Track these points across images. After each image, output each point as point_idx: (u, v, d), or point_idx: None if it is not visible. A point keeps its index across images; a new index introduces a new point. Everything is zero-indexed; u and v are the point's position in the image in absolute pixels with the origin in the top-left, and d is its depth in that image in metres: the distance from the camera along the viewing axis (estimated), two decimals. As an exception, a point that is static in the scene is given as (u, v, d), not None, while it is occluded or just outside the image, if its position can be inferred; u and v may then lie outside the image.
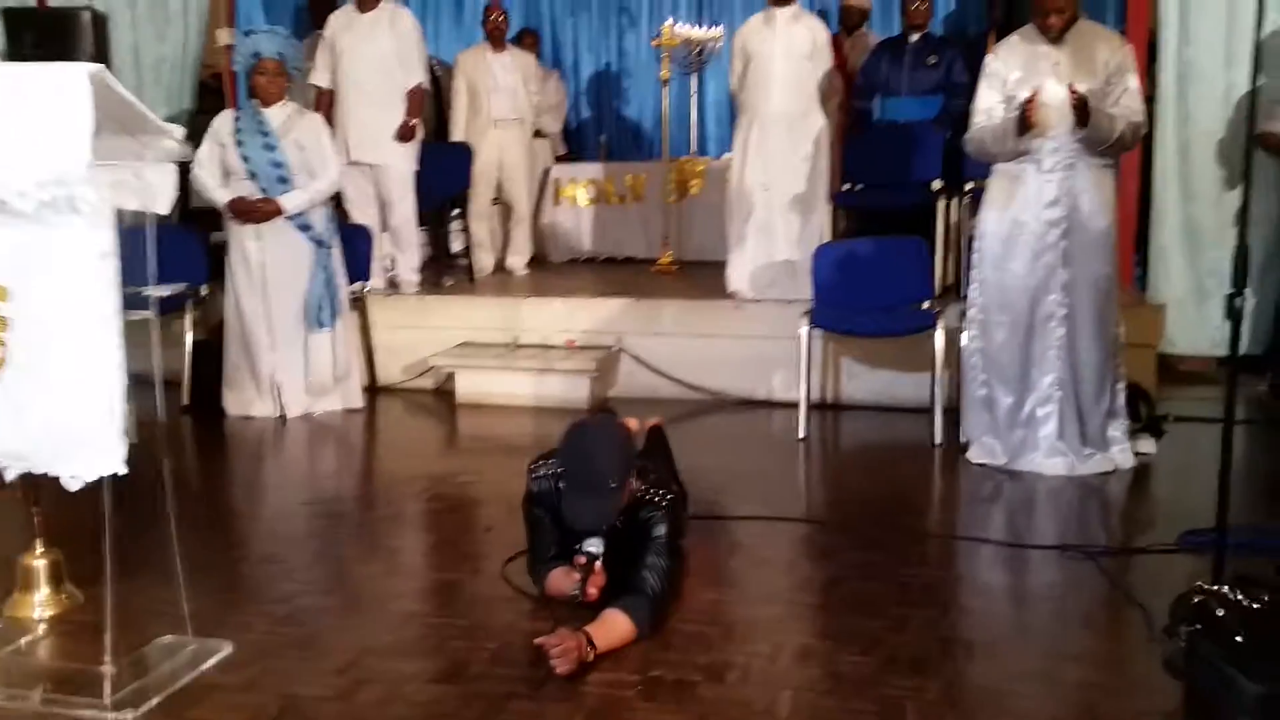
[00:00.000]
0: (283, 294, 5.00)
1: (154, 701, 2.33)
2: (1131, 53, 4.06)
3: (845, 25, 7.56)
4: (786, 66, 5.56)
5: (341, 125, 5.89)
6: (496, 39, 6.94)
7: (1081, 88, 3.90)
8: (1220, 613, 2.32)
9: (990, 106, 4.09)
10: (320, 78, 6.02)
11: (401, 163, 5.98)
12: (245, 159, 4.92)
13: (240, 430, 4.94)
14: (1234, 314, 2.49)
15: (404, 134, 5.94)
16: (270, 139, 4.91)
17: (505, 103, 6.89)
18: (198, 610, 2.62)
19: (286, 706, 2.33)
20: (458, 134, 6.94)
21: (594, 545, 2.63)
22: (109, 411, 2.28)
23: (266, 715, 2.29)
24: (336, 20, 6.01)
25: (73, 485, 2.28)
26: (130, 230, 2.38)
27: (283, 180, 4.93)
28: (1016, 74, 4.03)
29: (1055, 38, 3.97)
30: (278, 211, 4.92)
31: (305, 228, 5.01)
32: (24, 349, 2.28)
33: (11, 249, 2.26)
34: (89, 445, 2.28)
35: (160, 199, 2.49)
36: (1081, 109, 3.81)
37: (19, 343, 2.29)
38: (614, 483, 2.61)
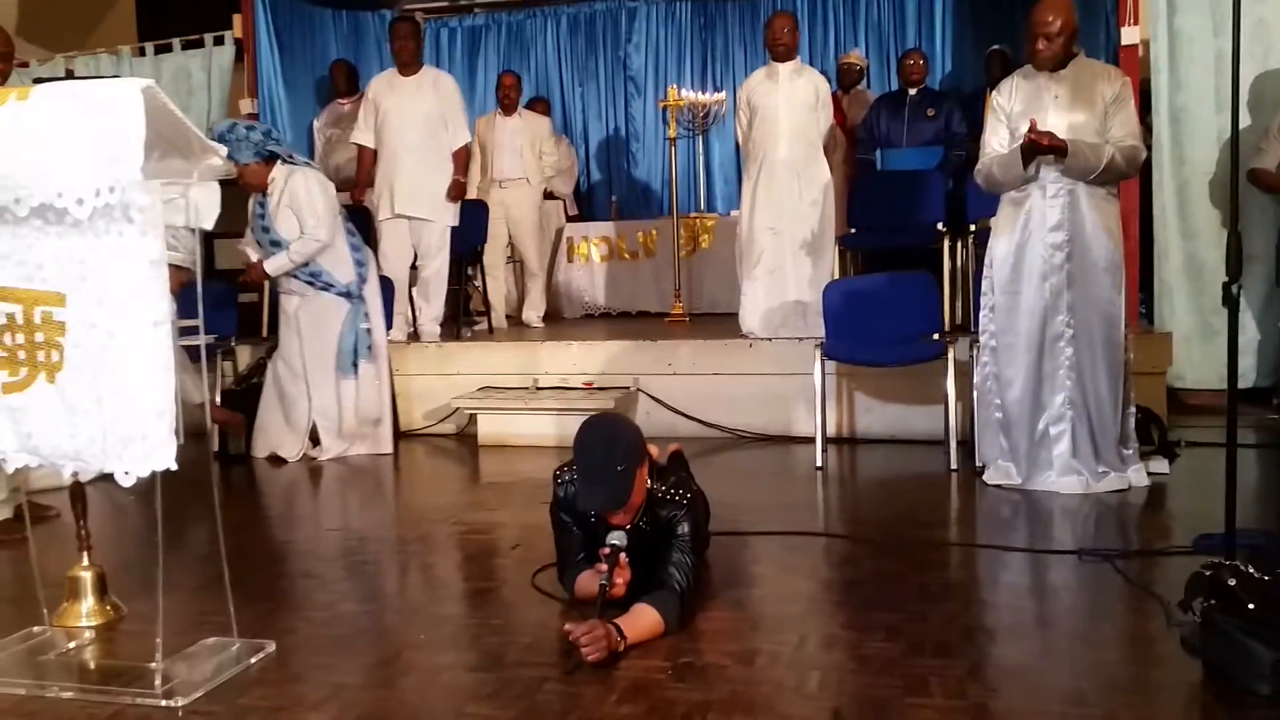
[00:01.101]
0: (316, 343, 5.20)
1: (202, 691, 2.41)
2: (1129, 84, 4.18)
3: (843, 84, 7.82)
4: (791, 117, 5.76)
5: (387, 181, 6.13)
6: (507, 105, 7.29)
7: (1080, 118, 4.06)
8: (1232, 583, 2.39)
9: (997, 139, 4.24)
10: (364, 137, 6.26)
11: (444, 217, 6.21)
12: (253, 231, 5.24)
13: (270, 473, 5.08)
14: (1231, 301, 2.59)
15: (457, 192, 6.19)
16: (262, 213, 5.15)
17: (508, 163, 7.21)
18: (240, 618, 2.70)
19: (331, 695, 2.40)
20: (471, 193, 7.20)
21: (618, 539, 2.71)
22: (160, 411, 2.38)
23: (310, 702, 2.37)
24: (379, 83, 6.30)
25: (126, 481, 2.37)
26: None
27: (275, 244, 5.14)
28: (1018, 108, 4.19)
29: (1050, 68, 4.12)
30: (263, 275, 5.19)
31: (328, 286, 5.19)
32: (80, 352, 2.40)
33: (69, 257, 2.38)
34: (141, 443, 2.37)
35: (206, 216, 2.64)
36: (1050, 148, 3.96)
37: (75, 346, 2.40)
38: (620, 466, 2.71)
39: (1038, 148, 3.96)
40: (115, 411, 2.39)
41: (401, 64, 6.20)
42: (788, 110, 5.76)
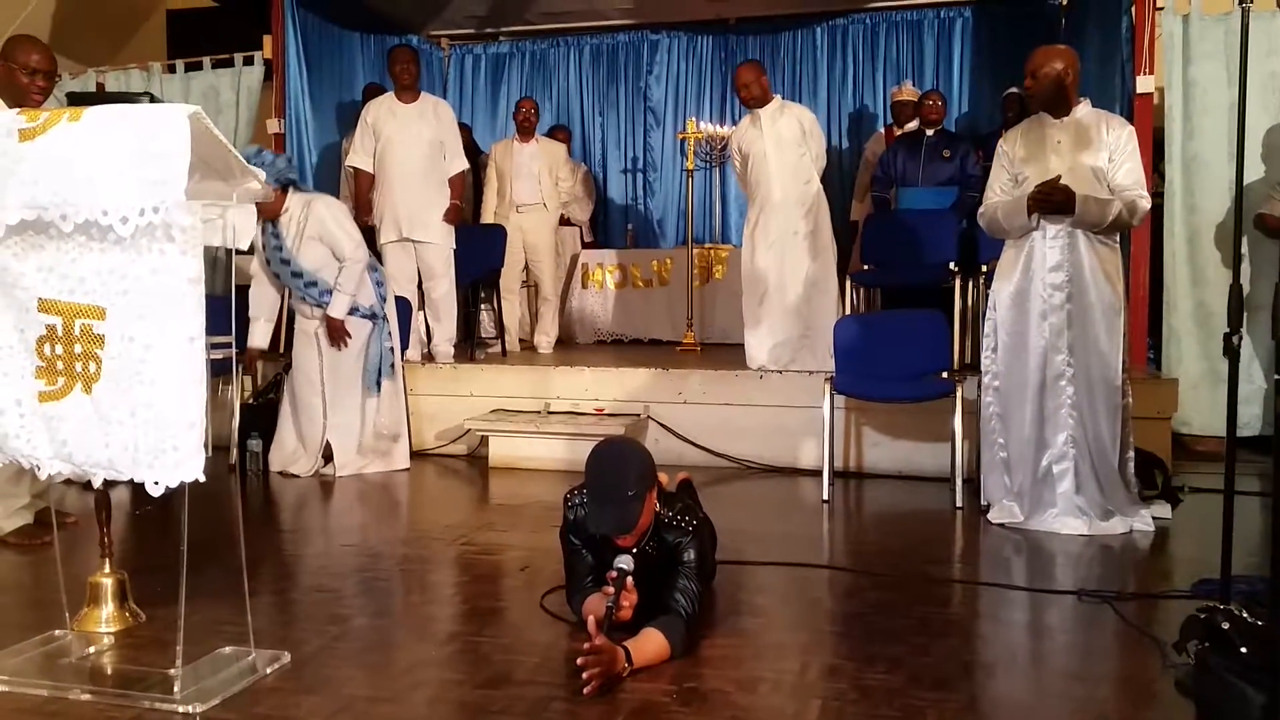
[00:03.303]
0: (337, 361, 5.29)
1: (219, 699, 2.47)
2: (1134, 134, 4.26)
3: (897, 119, 7.86)
4: (779, 157, 5.88)
5: (388, 205, 6.27)
6: (525, 130, 7.39)
7: (1081, 163, 4.15)
8: (1226, 627, 2.45)
9: (999, 183, 4.35)
10: (363, 161, 6.40)
11: (444, 240, 6.36)
12: (269, 263, 5.28)
13: (286, 488, 5.15)
14: (1231, 352, 2.65)
15: (453, 217, 6.34)
16: (283, 251, 5.19)
17: (526, 188, 7.30)
18: (255, 628, 2.77)
19: (344, 707, 2.47)
20: (487, 217, 7.41)
21: (625, 562, 2.78)
22: (191, 423, 2.46)
23: (324, 713, 2.43)
24: (378, 107, 6.42)
25: (156, 491, 2.45)
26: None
27: (297, 275, 5.19)
28: (1022, 153, 4.31)
29: (1042, 107, 4.26)
30: (342, 326, 5.23)
31: (352, 310, 5.28)
32: (117, 364, 2.49)
33: (110, 272, 2.47)
34: (172, 454, 2.45)
35: (242, 237, 2.74)
36: (1062, 200, 4.06)
37: (112, 358, 2.49)
38: (631, 491, 2.78)
39: (1045, 203, 4.05)
40: (148, 423, 2.47)
41: (402, 88, 6.34)
42: (775, 151, 5.87)
